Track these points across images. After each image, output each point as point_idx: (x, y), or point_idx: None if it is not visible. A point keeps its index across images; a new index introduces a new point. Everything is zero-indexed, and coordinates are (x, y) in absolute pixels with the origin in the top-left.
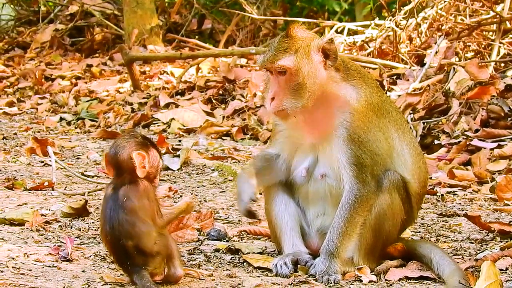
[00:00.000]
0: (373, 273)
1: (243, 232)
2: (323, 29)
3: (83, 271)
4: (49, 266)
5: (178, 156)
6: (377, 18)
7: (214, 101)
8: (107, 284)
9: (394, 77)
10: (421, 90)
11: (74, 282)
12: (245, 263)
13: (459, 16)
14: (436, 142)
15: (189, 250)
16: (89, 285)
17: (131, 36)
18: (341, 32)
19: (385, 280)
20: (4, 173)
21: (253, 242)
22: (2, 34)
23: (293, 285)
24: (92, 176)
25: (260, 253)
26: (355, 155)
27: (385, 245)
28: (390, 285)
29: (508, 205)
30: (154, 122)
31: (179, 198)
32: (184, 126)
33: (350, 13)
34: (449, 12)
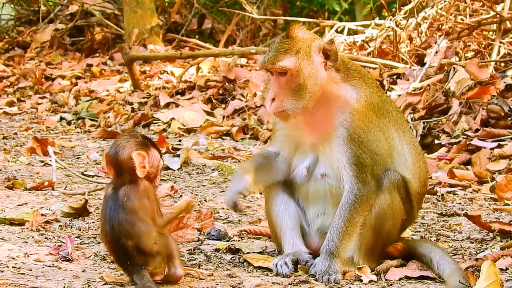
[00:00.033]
0: (373, 272)
1: (243, 232)
2: (323, 29)
3: (83, 271)
4: (49, 266)
5: (178, 155)
6: (377, 18)
7: (214, 100)
8: (107, 284)
9: (394, 77)
10: (421, 89)
11: (74, 282)
12: (245, 263)
13: (459, 16)
14: (436, 141)
15: (189, 250)
16: (89, 285)
17: (131, 35)
18: (341, 31)
19: (385, 279)
20: (4, 172)
21: (253, 241)
22: (2, 34)
23: (293, 285)
24: (92, 176)
25: (260, 253)
26: (355, 155)
27: (385, 244)
28: (390, 284)
29: (508, 204)
30: (154, 121)
31: (179, 197)
32: (184, 125)
33: (350, 12)
34: (449, 11)
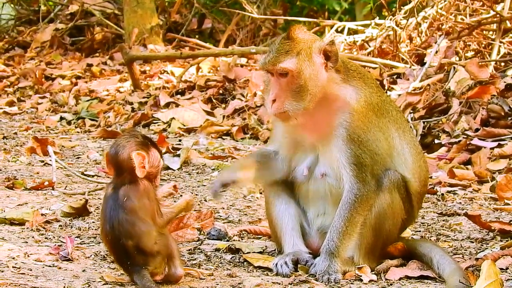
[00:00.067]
0: (373, 272)
1: (244, 232)
2: (323, 29)
3: (83, 270)
4: (50, 266)
5: (178, 155)
6: (377, 18)
7: (214, 100)
8: (107, 283)
9: (394, 77)
10: (421, 89)
11: (75, 282)
12: (245, 263)
13: (459, 16)
14: (436, 141)
15: (189, 250)
16: (90, 285)
17: (131, 35)
18: (341, 31)
19: (386, 279)
20: (4, 172)
21: (253, 241)
22: (2, 34)
23: (293, 285)
24: (92, 176)
25: (260, 253)
26: (354, 155)
27: (385, 244)
28: (391, 284)
29: (508, 204)
30: (154, 121)
31: (179, 197)
32: (184, 125)
33: (350, 12)
34: (449, 11)
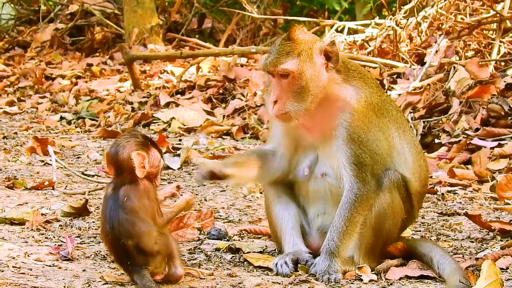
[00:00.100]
0: (373, 272)
1: (244, 231)
2: (323, 28)
3: (83, 270)
4: (50, 266)
5: (179, 155)
6: (377, 17)
7: (214, 100)
8: (107, 283)
9: (395, 76)
10: (421, 89)
11: (75, 282)
12: (245, 262)
13: (459, 15)
14: (436, 141)
15: (189, 249)
16: (90, 285)
17: (131, 35)
18: (341, 31)
19: (386, 279)
20: (4, 172)
21: (253, 241)
22: (2, 33)
23: (293, 284)
24: (93, 176)
25: (260, 252)
26: (355, 155)
27: (385, 244)
28: (391, 284)
29: (508, 204)
30: (154, 121)
31: (179, 196)
32: (184, 125)
33: (350, 12)
34: (449, 11)
